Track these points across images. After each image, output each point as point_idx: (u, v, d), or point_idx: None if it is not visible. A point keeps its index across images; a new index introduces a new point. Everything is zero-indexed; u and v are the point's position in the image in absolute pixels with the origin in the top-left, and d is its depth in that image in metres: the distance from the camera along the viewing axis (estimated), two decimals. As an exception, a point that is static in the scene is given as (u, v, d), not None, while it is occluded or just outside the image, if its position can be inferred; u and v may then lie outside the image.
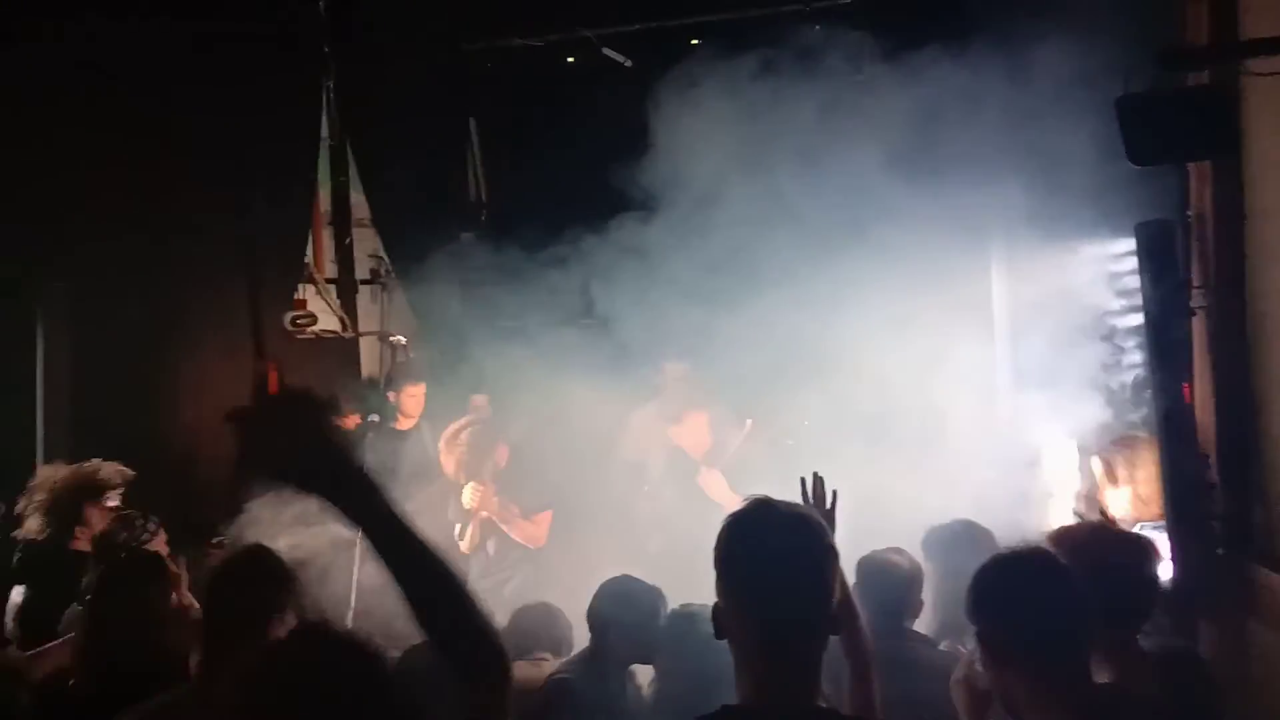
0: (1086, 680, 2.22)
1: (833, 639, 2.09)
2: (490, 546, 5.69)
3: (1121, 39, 3.97)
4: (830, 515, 2.60)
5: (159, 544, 4.48)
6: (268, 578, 2.82)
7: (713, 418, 5.74)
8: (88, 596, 3.27)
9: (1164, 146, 3.15)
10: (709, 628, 2.04)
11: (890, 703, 2.54)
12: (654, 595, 3.77)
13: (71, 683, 3.01)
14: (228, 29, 6.07)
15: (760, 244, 5.37)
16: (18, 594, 4.08)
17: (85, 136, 5.38)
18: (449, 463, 5.61)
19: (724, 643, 2.02)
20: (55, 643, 3.61)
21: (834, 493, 2.66)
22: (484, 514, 5.55)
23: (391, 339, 6.94)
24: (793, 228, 5.23)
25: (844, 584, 2.26)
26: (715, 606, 2.03)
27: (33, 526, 4.19)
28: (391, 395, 6.49)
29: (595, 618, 3.76)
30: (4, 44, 4.99)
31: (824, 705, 2.01)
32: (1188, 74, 3.59)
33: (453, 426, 5.69)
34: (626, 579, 3.83)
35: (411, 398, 6.43)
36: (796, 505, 2.13)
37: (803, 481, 2.66)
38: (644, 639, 3.69)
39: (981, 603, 2.32)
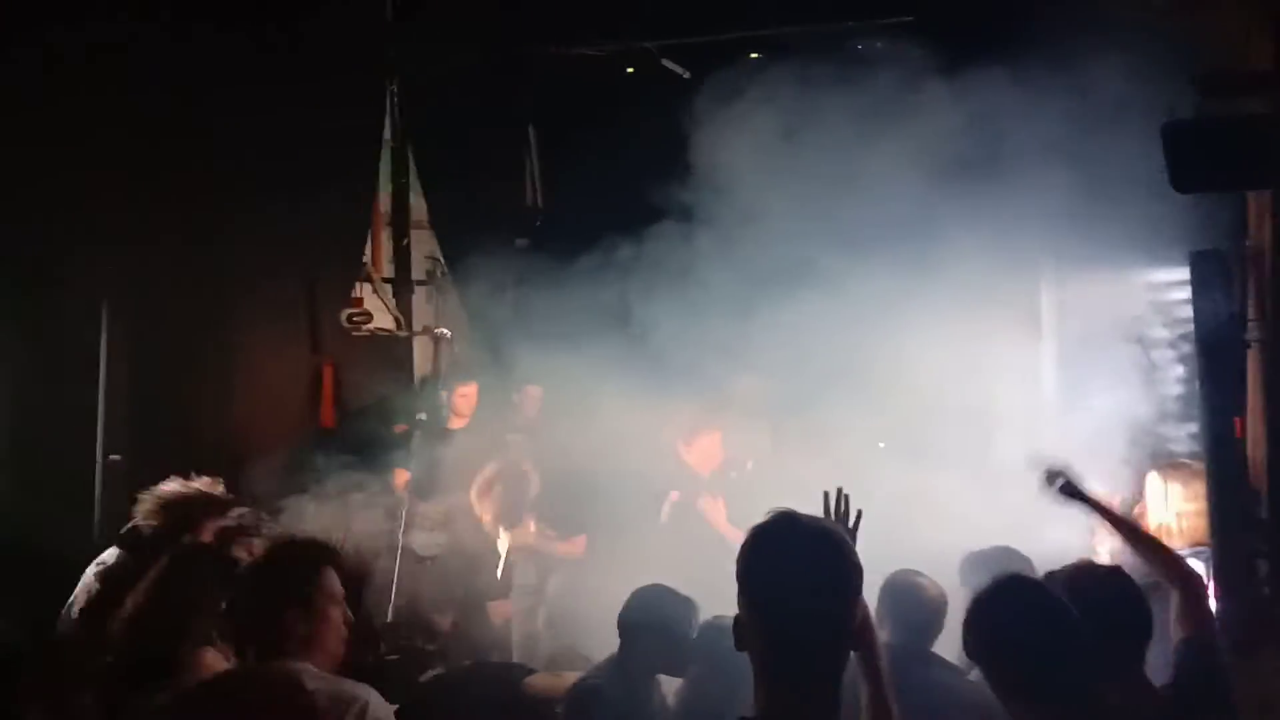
0: (1090, 704, 2.25)
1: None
2: (530, 564, 5.78)
3: (1184, 65, 3.91)
4: (852, 534, 2.59)
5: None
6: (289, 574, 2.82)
7: (726, 438, 5.74)
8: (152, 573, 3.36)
9: (1208, 174, 3.10)
10: None
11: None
12: (686, 606, 3.77)
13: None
14: (296, 31, 6.20)
15: (812, 260, 5.37)
16: (110, 555, 4.10)
17: (155, 134, 5.54)
18: (484, 514, 5.68)
19: None
20: None
21: (859, 512, 2.65)
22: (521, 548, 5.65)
23: (437, 332, 6.99)
24: (844, 244, 5.22)
25: (863, 603, 2.28)
26: (736, 618, 2.05)
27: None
28: (444, 394, 6.56)
29: (625, 625, 3.78)
30: (66, 38, 5.13)
31: None
32: (1249, 103, 3.52)
33: (483, 477, 5.74)
34: (659, 588, 3.84)
35: (463, 397, 6.48)
36: (821, 520, 2.14)
37: (825, 496, 2.66)
38: (674, 649, 3.70)
39: (975, 642, 2.39)
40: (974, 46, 5.20)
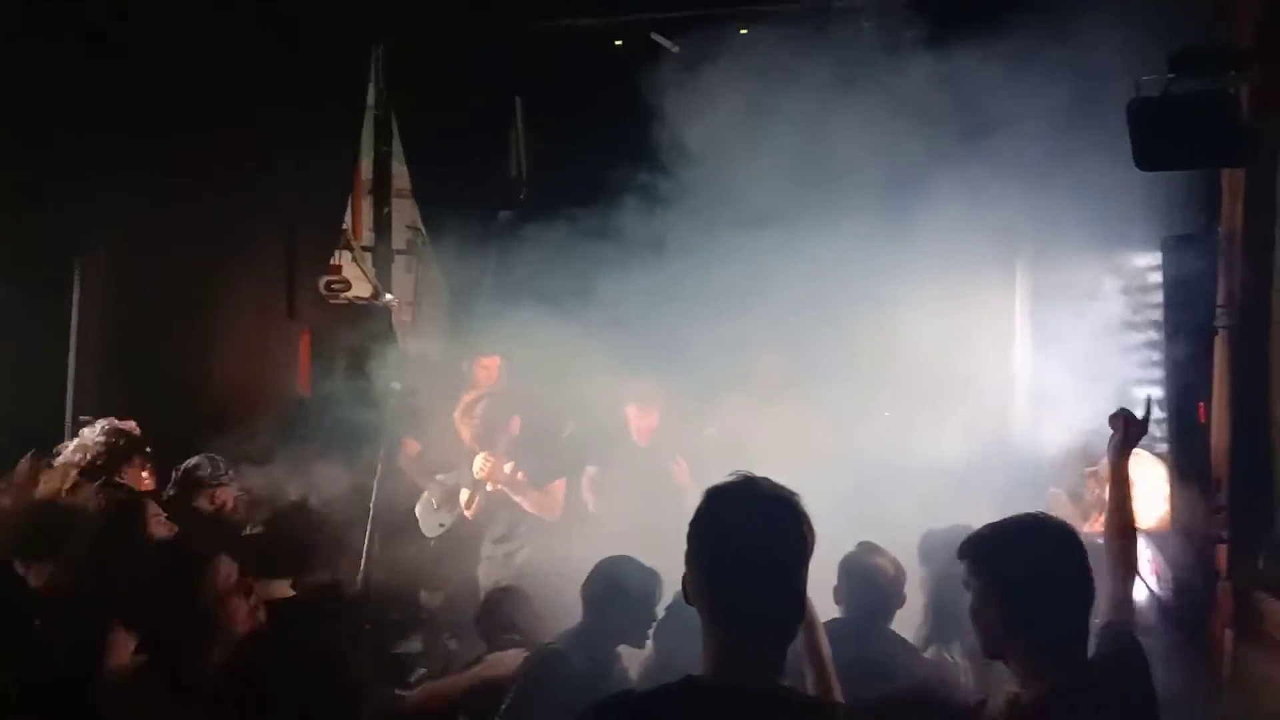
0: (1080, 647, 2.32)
1: None
2: (503, 516, 5.74)
3: (1165, 43, 3.88)
4: None
5: (226, 494, 4.66)
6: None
7: (664, 414, 5.72)
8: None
9: (1172, 152, 3.08)
10: None
11: (862, 704, 2.54)
12: (650, 578, 3.77)
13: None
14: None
15: (798, 234, 5.36)
16: None
17: (129, 95, 5.49)
18: (463, 432, 5.65)
19: None
20: None
21: None
22: (494, 486, 5.60)
23: (386, 300, 6.98)
24: (827, 218, 5.22)
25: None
26: (684, 575, 2.05)
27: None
28: (464, 365, 6.53)
29: (590, 596, 3.79)
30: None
31: (786, 684, 2.02)
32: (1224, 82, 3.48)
33: (467, 397, 5.73)
34: (624, 560, 3.84)
35: (485, 369, 6.41)
36: (780, 486, 2.13)
37: None
38: (636, 621, 3.71)
39: (996, 553, 2.37)
40: (958, 21, 5.18)
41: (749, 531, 2.00)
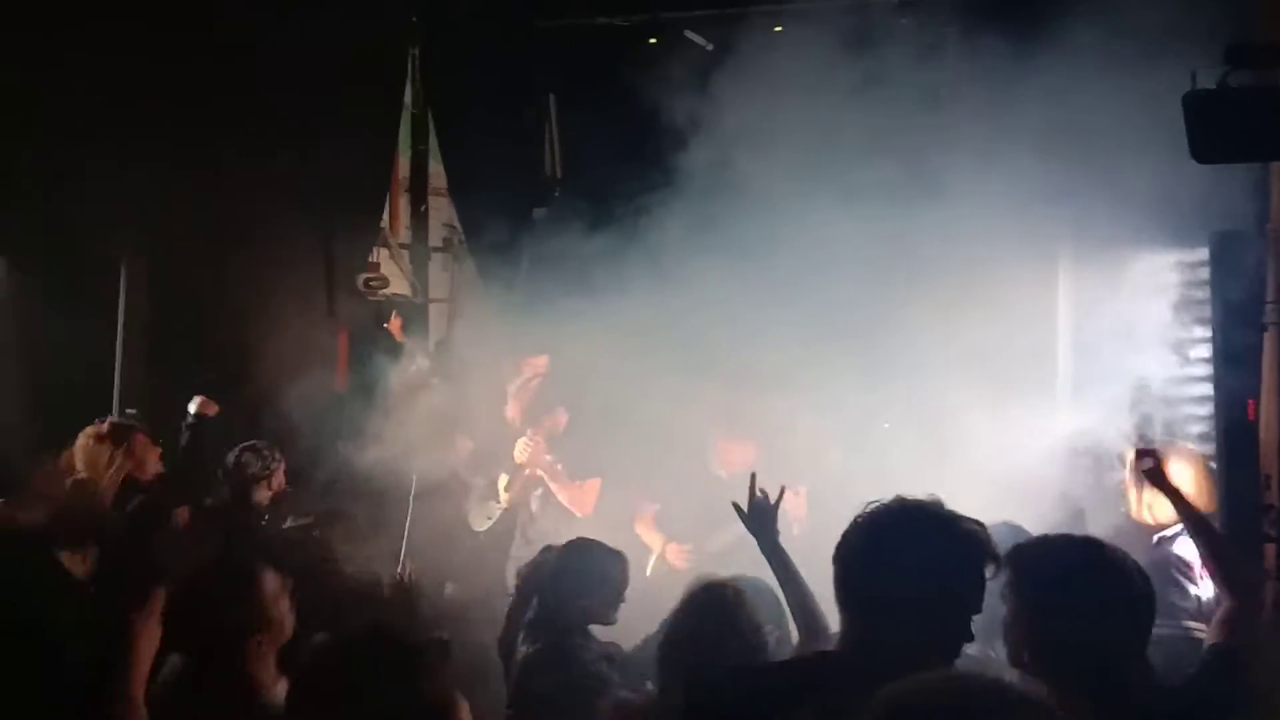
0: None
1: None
2: (534, 504, 5.74)
3: (1214, 38, 3.85)
4: (775, 508, 2.70)
5: (279, 477, 4.72)
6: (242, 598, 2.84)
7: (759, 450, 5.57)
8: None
9: (1229, 145, 3.06)
10: None
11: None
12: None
13: None
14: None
15: (829, 233, 5.34)
16: None
17: (175, 100, 5.58)
18: (514, 407, 5.67)
19: None
20: None
21: (781, 488, 2.80)
22: (532, 471, 5.59)
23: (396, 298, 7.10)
24: (863, 216, 5.20)
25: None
26: None
27: None
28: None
29: None
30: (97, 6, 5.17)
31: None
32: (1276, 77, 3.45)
33: (524, 375, 5.75)
34: None
35: (530, 367, 6.44)
36: (963, 523, 2.11)
37: (752, 477, 2.80)
38: None
39: (1026, 584, 2.27)
40: (999, 16, 5.14)
41: (895, 564, 2.06)
